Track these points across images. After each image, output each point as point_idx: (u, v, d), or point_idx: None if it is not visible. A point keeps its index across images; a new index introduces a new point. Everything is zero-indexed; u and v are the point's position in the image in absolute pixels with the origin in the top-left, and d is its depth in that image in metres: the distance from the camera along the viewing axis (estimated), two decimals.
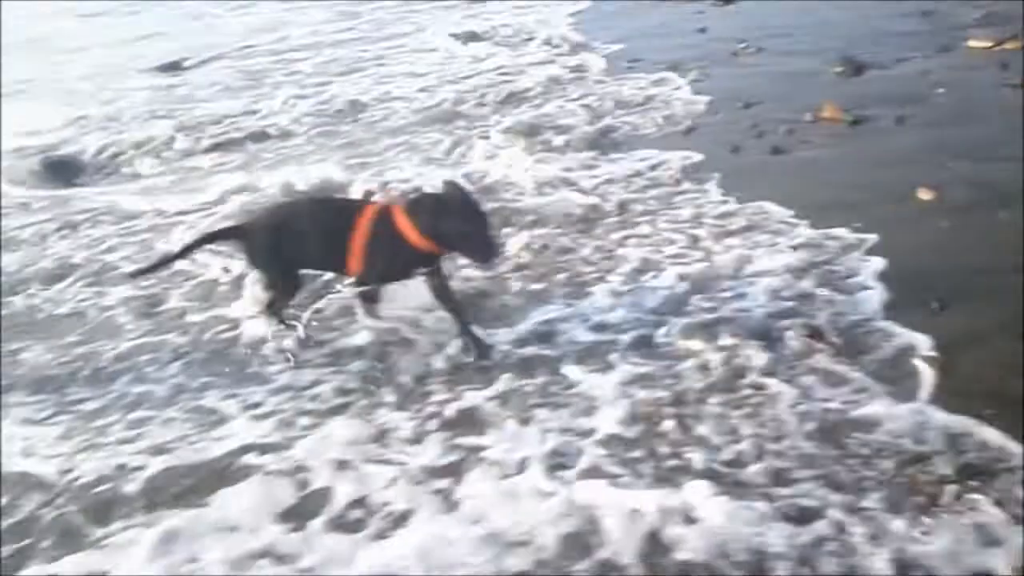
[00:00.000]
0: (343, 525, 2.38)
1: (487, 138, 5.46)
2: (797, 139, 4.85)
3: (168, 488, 2.59)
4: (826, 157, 4.56)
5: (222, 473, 2.63)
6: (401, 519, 2.37)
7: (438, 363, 3.07)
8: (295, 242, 3.10)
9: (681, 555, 2.14)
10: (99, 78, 8.84)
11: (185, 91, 7.96)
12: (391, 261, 3.00)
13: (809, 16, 7.65)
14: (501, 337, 3.19)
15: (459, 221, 2.88)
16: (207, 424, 2.89)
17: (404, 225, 2.92)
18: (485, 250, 2.94)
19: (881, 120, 4.93)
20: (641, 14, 8.79)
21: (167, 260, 3.54)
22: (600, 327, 3.19)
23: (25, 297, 4.05)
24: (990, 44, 5.88)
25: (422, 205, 2.96)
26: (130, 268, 3.94)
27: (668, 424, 2.62)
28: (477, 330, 3.14)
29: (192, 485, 2.59)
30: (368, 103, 6.74)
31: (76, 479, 2.68)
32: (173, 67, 9.10)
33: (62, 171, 6.03)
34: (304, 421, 2.84)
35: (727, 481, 2.36)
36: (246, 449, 2.72)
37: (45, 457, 2.80)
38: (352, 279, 3.12)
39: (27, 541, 2.44)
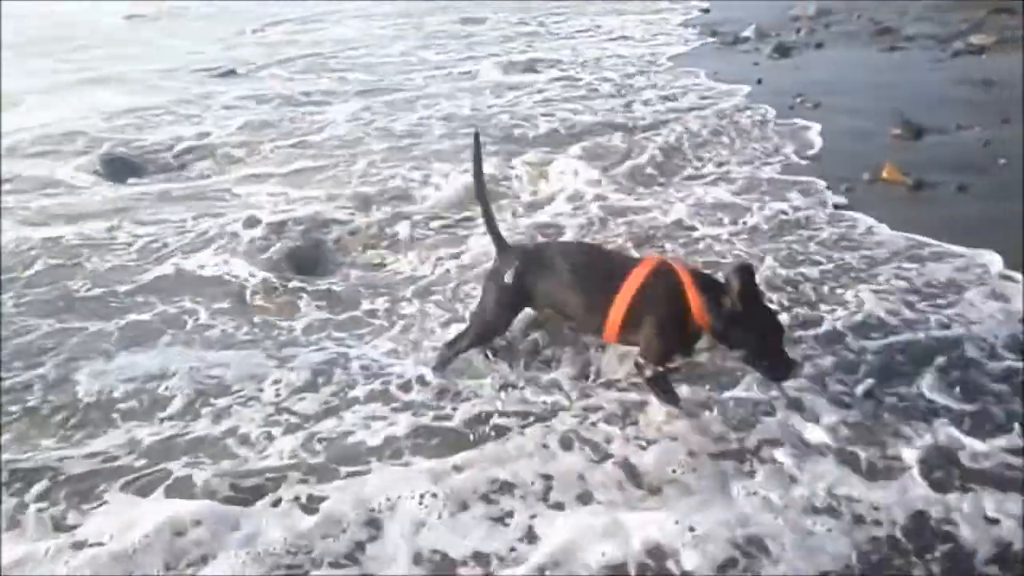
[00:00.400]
0: None
1: None
2: (856, 198, 4.87)
3: None
4: (888, 218, 4.56)
5: None
6: None
7: None
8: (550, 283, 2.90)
9: None
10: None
11: None
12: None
13: (867, 76, 7.69)
14: None
15: (758, 329, 2.62)
16: None
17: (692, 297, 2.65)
18: (781, 368, 2.70)
19: (941, 187, 4.93)
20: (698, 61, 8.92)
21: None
22: None
23: None
24: None
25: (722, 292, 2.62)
26: None
27: None
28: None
29: None
30: None
31: None
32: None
33: None
34: None
35: None
36: None
37: None
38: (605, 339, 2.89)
39: None
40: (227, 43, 12.06)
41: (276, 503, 2.60)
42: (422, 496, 2.57)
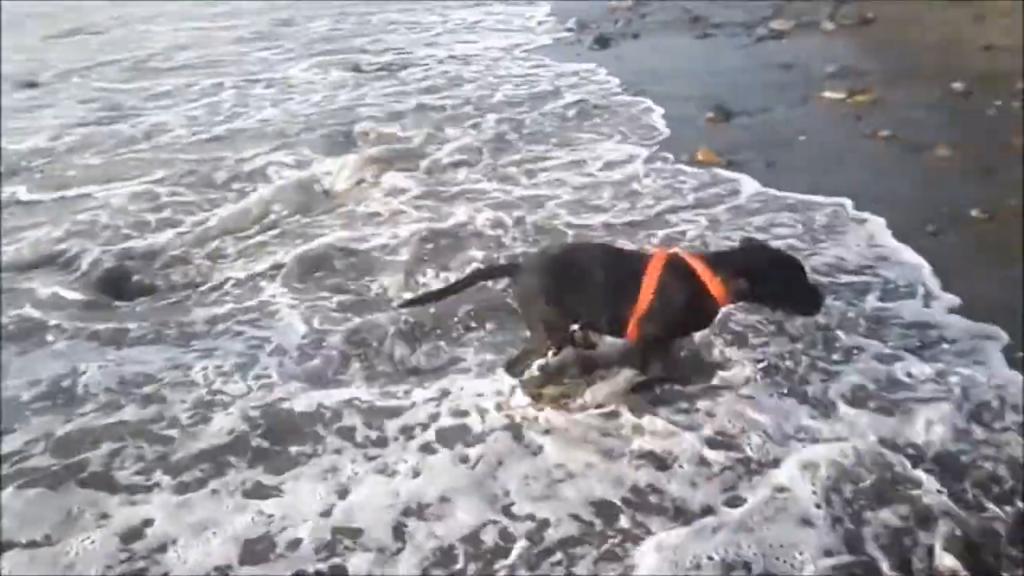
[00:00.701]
0: None
1: None
2: None
3: None
4: None
5: None
6: None
7: None
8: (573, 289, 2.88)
9: None
10: None
11: None
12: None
13: (681, 63, 8.06)
14: None
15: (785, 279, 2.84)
16: None
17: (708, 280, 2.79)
18: (811, 302, 2.92)
19: (751, 164, 5.19)
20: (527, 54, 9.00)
21: (438, 294, 3.31)
22: None
23: None
24: (843, 96, 6.34)
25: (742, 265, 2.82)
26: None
27: None
28: None
29: None
30: None
31: None
32: None
33: None
34: None
35: None
36: None
37: None
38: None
39: None
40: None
41: None
42: None
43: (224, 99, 7.83)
